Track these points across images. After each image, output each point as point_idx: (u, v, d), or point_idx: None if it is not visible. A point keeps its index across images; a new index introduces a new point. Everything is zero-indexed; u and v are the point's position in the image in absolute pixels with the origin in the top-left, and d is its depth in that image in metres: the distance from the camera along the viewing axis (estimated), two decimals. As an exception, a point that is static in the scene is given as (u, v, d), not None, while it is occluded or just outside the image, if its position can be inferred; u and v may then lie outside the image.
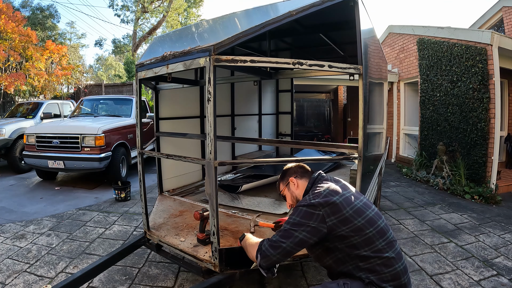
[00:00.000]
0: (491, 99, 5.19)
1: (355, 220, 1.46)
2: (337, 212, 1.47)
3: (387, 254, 1.45)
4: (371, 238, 1.45)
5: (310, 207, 1.50)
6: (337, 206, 1.48)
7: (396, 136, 8.45)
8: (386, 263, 1.44)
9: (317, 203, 1.49)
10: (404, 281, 1.47)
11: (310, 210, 1.49)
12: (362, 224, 1.46)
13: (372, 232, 1.46)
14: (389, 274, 1.44)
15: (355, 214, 1.48)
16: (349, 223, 1.46)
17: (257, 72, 3.19)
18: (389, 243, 1.48)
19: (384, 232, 1.50)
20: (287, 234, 1.50)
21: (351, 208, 1.49)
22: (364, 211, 1.51)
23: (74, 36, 25.73)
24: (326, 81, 8.47)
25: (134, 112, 6.71)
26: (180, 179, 3.76)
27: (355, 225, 1.46)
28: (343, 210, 1.47)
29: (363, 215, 1.49)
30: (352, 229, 1.45)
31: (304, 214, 1.50)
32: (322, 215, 1.47)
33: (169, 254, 2.54)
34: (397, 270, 1.45)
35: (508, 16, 7.78)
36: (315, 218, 1.47)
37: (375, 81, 3.23)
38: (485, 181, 5.27)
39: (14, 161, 6.60)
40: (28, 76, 11.13)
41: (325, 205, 1.48)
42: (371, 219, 1.49)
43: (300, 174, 1.81)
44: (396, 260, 1.46)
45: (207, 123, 1.85)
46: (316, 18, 2.87)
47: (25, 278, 2.59)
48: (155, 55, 2.23)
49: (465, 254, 3.13)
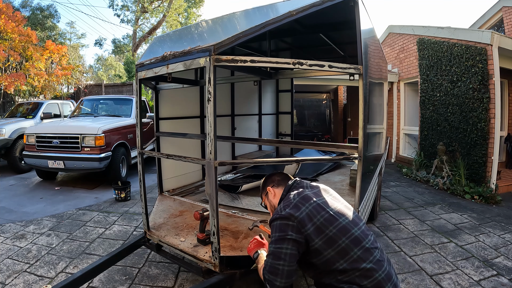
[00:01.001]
0: (491, 99, 5.19)
1: (326, 230, 1.44)
2: (309, 222, 1.46)
3: (363, 265, 1.40)
4: (344, 249, 1.42)
5: (282, 219, 1.49)
6: (307, 216, 1.47)
7: (396, 136, 8.45)
8: (364, 274, 1.40)
9: (287, 214, 1.49)
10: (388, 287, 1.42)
11: (283, 222, 1.48)
12: (333, 234, 1.44)
13: (345, 242, 1.43)
14: (370, 285, 1.39)
15: (326, 222, 1.46)
16: (321, 233, 1.44)
17: (257, 72, 3.19)
18: (365, 252, 1.43)
19: (359, 240, 1.46)
20: (276, 255, 1.46)
21: (322, 216, 1.47)
22: (336, 219, 1.48)
23: (74, 36, 25.72)
24: (326, 81, 8.47)
25: (134, 112, 6.71)
26: (180, 179, 3.76)
27: (327, 236, 1.43)
28: (313, 219, 1.46)
29: (334, 223, 1.46)
30: (324, 240, 1.43)
31: (280, 227, 1.49)
32: (296, 226, 1.46)
33: (169, 254, 2.54)
34: (378, 280, 1.40)
35: (508, 16, 7.78)
36: (291, 229, 1.46)
37: (375, 81, 3.23)
38: (485, 181, 5.27)
39: (14, 161, 6.60)
40: (28, 76, 11.12)
41: (295, 215, 1.47)
42: (344, 228, 1.46)
43: (277, 182, 1.80)
44: (376, 270, 1.41)
45: (207, 123, 1.85)
46: (316, 18, 2.87)
47: (25, 278, 2.59)
48: (155, 55, 2.23)
49: (465, 254, 3.13)
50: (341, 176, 4.29)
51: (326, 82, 8.80)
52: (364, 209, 2.59)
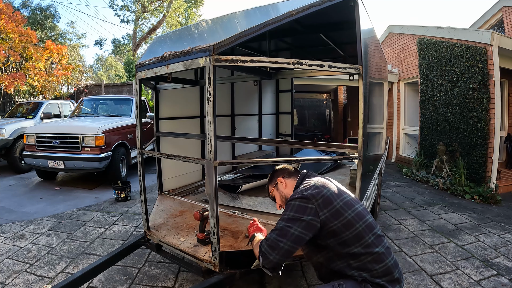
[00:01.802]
0: (491, 99, 5.19)
1: (345, 213, 1.47)
2: (329, 204, 1.47)
3: (377, 249, 1.45)
4: (361, 233, 1.46)
5: (302, 200, 1.49)
6: (328, 198, 1.48)
7: (396, 136, 8.45)
8: (376, 259, 1.45)
9: (309, 195, 1.49)
10: (396, 276, 1.46)
11: (303, 203, 1.48)
12: (352, 218, 1.47)
13: (362, 226, 1.47)
14: (380, 270, 1.44)
15: (345, 206, 1.49)
16: (340, 216, 1.46)
17: (257, 72, 3.19)
18: (377, 238, 1.49)
19: (373, 226, 1.51)
20: (283, 232, 1.47)
21: (341, 200, 1.50)
22: (353, 204, 1.53)
23: (74, 36, 25.74)
24: (326, 81, 8.47)
25: (134, 112, 6.70)
26: (180, 179, 3.76)
27: (346, 218, 1.46)
28: (333, 202, 1.48)
29: (352, 208, 1.50)
30: (343, 223, 1.45)
31: (298, 208, 1.48)
32: (315, 209, 1.46)
33: (169, 254, 2.54)
34: (388, 265, 1.45)
35: (508, 16, 7.77)
36: (309, 211, 1.46)
37: (375, 81, 3.23)
38: (485, 181, 5.27)
39: (14, 161, 6.60)
40: (28, 76, 11.12)
41: (317, 197, 1.48)
42: (360, 213, 1.51)
43: (287, 173, 1.82)
44: (386, 255, 1.47)
45: (207, 123, 1.85)
46: (316, 18, 2.87)
47: (25, 278, 2.59)
48: (155, 55, 2.23)
49: (465, 254, 3.13)
50: (341, 176, 4.29)
51: (326, 82, 8.80)
52: (364, 209, 2.59)
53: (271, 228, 2.46)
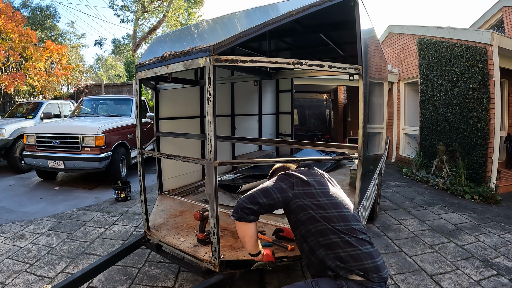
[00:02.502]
0: (491, 99, 5.19)
1: (319, 198, 1.60)
2: (305, 186, 1.64)
3: (345, 237, 1.50)
4: (331, 217, 1.55)
5: (286, 174, 1.72)
6: (308, 183, 1.66)
7: (396, 136, 8.45)
8: (345, 241, 1.49)
9: (292, 174, 1.71)
10: (368, 266, 1.44)
11: (285, 176, 1.71)
12: (324, 203, 1.58)
13: (333, 213, 1.56)
14: (348, 254, 1.46)
15: (322, 194, 1.63)
16: (313, 197, 1.61)
17: (257, 72, 3.18)
18: (350, 230, 1.53)
19: (348, 219, 1.57)
20: (263, 191, 1.64)
21: (321, 189, 1.65)
22: (332, 196, 1.64)
23: (74, 36, 25.71)
24: (326, 81, 8.47)
25: (134, 112, 6.70)
26: (180, 179, 3.76)
27: (318, 201, 1.59)
28: (311, 187, 1.64)
29: (329, 197, 1.62)
30: (313, 203, 1.59)
31: (279, 177, 1.71)
32: (292, 183, 1.66)
33: (169, 254, 2.54)
34: (356, 252, 1.46)
35: (508, 16, 7.77)
36: (286, 182, 1.66)
37: (375, 81, 3.23)
38: (485, 181, 5.27)
39: (14, 161, 6.59)
40: (28, 76, 11.12)
41: (298, 178, 1.67)
42: (336, 204, 1.61)
43: (284, 170, 1.93)
44: (356, 245, 1.48)
45: (207, 123, 1.85)
46: (316, 18, 2.87)
47: (25, 278, 2.59)
48: (155, 55, 2.23)
49: (465, 254, 3.13)
50: (341, 176, 4.29)
51: (326, 82, 8.80)
52: (364, 209, 2.59)
53: (271, 228, 2.47)
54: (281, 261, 2.02)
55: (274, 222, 2.63)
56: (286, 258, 2.03)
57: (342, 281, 1.44)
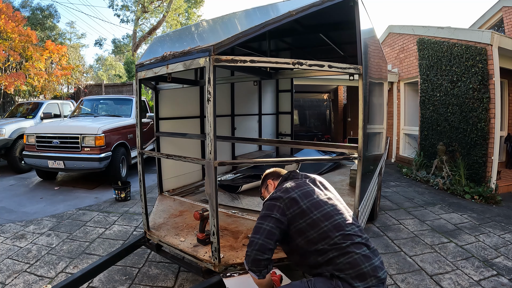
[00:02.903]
0: (491, 99, 5.19)
1: (310, 213, 1.59)
2: (295, 206, 1.61)
3: (342, 245, 1.51)
4: (325, 233, 1.54)
5: (272, 200, 1.67)
6: (296, 200, 1.62)
7: (396, 136, 8.45)
8: (343, 253, 1.50)
9: (277, 196, 1.66)
10: (366, 269, 1.46)
11: (272, 202, 1.66)
12: (317, 218, 1.57)
13: (327, 226, 1.56)
14: (346, 262, 1.47)
15: (312, 207, 1.61)
16: (305, 215, 1.58)
17: (257, 72, 3.19)
18: (345, 237, 1.53)
19: (341, 226, 1.57)
20: (257, 229, 1.61)
21: (309, 202, 1.62)
22: (321, 206, 1.62)
23: (74, 36, 25.72)
24: (326, 81, 8.47)
25: (134, 112, 6.70)
26: (180, 179, 3.76)
27: (310, 218, 1.58)
28: (300, 202, 1.61)
29: (319, 208, 1.60)
30: (307, 222, 1.57)
31: (268, 206, 1.66)
32: (282, 208, 1.61)
33: (169, 254, 2.54)
34: (354, 258, 1.47)
35: (508, 16, 7.77)
36: (277, 209, 1.62)
37: (375, 81, 3.23)
38: (485, 181, 5.27)
39: (14, 161, 6.59)
40: (28, 76, 11.11)
41: (284, 197, 1.63)
42: (327, 213, 1.60)
43: (276, 176, 1.97)
44: (353, 250, 1.49)
45: (207, 123, 1.85)
46: (316, 18, 2.87)
47: (25, 278, 2.59)
48: (155, 55, 2.23)
49: (465, 254, 3.13)
50: (341, 176, 4.29)
51: (326, 82, 8.79)
52: (364, 209, 2.59)
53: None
54: (281, 261, 2.02)
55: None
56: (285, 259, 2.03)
57: (338, 280, 1.46)
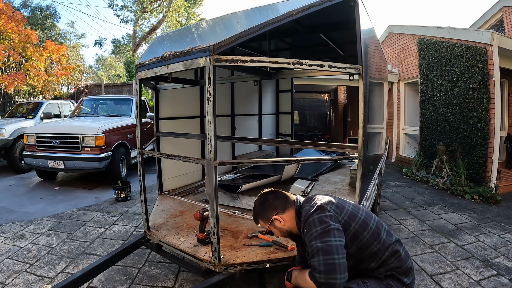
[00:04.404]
0: (491, 99, 5.19)
1: (358, 214, 1.51)
2: (343, 209, 1.50)
3: (390, 243, 1.52)
4: (375, 231, 1.50)
5: (318, 211, 1.42)
6: (340, 204, 1.53)
7: (396, 136, 8.45)
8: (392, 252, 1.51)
9: (320, 205, 1.45)
10: (410, 265, 1.55)
11: (321, 214, 1.42)
12: (364, 217, 1.52)
13: (374, 224, 1.53)
14: (396, 261, 1.50)
15: (355, 208, 1.56)
16: (355, 217, 1.50)
17: (257, 72, 3.18)
18: (388, 233, 1.57)
19: (381, 223, 1.59)
20: (327, 250, 1.36)
21: (350, 205, 1.57)
22: (360, 207, 1.62)
23: (74, 36, 25.73)
24: (326, 81, 8.47)
25: (134, 112, 6.70)
26: (180, 179, 3.76)
27: (360, 219, 1.50)
28: (345, 206, 1.53)
29: (360, 209, 1.58)
30: (359, 224, 1.49)
31: (319, 220, 1.41)
32: (333, 215, 1.44)
33: (169, 254, 2.54)
34: (401, 256, 1.52)
35: (508, 16, 7.77)
36: (329, 218, 1.42)
37: (375, 81, 3.23)
38: (485, 181, 5.27)
39: (14, 161, 6.59)
40: (27, 76, 11.11)
41: (329, 204, 1.47)
42: (368, 212, 1.61)
43: (280, 208, 1.66)
44: (398, 248, 1.54)
45: (207, 123, 1.85)
46: (316, 18, 2.87)
47: (25, 278, 2.59)
48: (155, 55, 2.23)
49: (465, 254, 3.13)
50: (341, 176, 4.29)
51: (326, 82, 8.79)
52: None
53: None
54: (281, 261, 2.02)
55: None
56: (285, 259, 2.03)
57: (390, 280, 1.49)
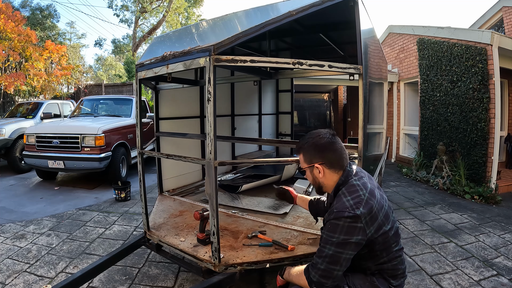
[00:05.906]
0: (491, 99, 5.19)
1: (384, 226, 1.43)
2: (375, 221, 1.40)
3: (395, 256, 1.51)
4: (389, 242, 1.47)
5: (352, 220, 1.37)
6: (376, 215, 1.41)
7: (396, 136, 8.45)
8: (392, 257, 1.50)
9: (361, 214, 1.37)
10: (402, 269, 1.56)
11: (352, 224, 1.37)
12: (388, 229, 1.45)
13: (391, 234, 1.46)
14: (391, 265, 1.50)
15: (385, 218, 1.44)
16: (380, 229, 1.42)
17: (257, 72, 3.19)
18: (395, 234, 1.52)
19: (398, 233, 1.55)
20: (335, 259, 1.38)
21: (383, 213, 1.44)
22: (389, 215, 1.48)
23: (74, 36, 25.75)
24: (326, 81, 8.47)
25: (134, 112, 6.70)
26: (180, 179, 3.76)
27: (385, 232, 1.43)
28: (378, 217, 1.41)
29: (388, 219, 1.46)
30: (380, 234, 1.43)
31: (347, 230, 1.37)
32: (363, 228, 1.37)
33: (169, 254, 2.53)
34: (397, 262, 1.52)
35: (508, 16, 7.77)
36: (357, 232, 1.37)
37: (375, 81, 3.23)
38: (485, 181, 5.27)
39: (14, 161, 6.59)
40: (27, 76, 11.11)
41: (366, 214, 1.38)
42: (392, 222, 1.49)
43: (328, 163, 1.54)
44: (399, 255, 1.53)
45: (207, 123, 1.84)
46: (316, 18, 2.87)
47: (25, 278, 2.59)
48: (155, 55, 2.23)
49: (465, 254, 3.13)
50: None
51: (326, 82, 8.79)
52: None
53: (271, 228, 2.47)
54: (281, 261, 2.02)
55: (274, 222, 2.63)
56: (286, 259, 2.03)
57: (373, 277, 1.49)
